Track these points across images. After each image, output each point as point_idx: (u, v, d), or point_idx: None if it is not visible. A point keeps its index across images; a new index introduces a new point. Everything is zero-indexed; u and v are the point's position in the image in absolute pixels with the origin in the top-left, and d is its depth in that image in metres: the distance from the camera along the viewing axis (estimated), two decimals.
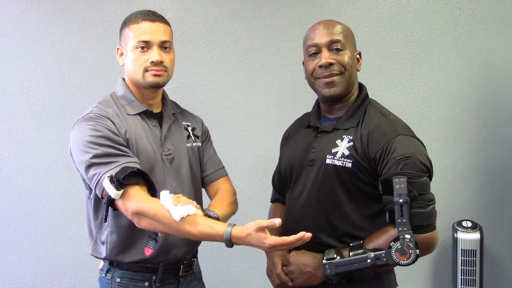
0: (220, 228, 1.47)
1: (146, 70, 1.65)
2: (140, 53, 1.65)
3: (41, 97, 2.88)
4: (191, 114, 1.89)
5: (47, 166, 2.89)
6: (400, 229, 1.48)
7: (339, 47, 1.63)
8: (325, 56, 1.62)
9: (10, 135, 2.89)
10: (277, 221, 1.40)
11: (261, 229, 1.41)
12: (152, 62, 1.64)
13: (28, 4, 2.85)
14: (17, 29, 2.86)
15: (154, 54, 1.64)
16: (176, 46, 1.75)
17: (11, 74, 2.87)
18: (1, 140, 2.89)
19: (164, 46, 1.67)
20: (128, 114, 1.68)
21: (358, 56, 1.71)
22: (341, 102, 1.68)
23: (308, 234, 1.40)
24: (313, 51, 1.65)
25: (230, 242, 1.45)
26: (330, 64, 1.62)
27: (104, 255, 1.68)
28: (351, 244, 1.56)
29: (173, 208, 1.47)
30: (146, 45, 1.64)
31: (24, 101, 2.88)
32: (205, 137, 1.88)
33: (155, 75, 1.65)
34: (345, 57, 1.63)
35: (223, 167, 1.89)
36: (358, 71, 1.71)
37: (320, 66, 1.62)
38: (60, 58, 2.87)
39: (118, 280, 1.68)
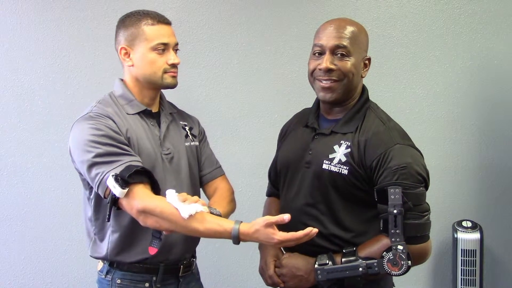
0: (227, 225, 1.49)
1: (165, 72, 1.67)
2: (158, 55, 1.66)
3: (41, 97, 2.88)
4: (187, 114, 1.90)
5: (47, 166, 2.89)
6: (393, 239, 1.48)
7: (344, 53, 1.59)
8: (327, 61, 1.59)
9: (10, 135, 2.89)
10: (286, 217, 1.42)
11: (269, 225, 1.43)
12: (172, 64, 1.67)
13: (28, 4, 2.85)
14: (17, 29, 2.86)
15: (174, 56, 1.69)
16: None
17: (11, 74, 2.87)
18: (1, 140, 2.89)
19: (176, 48, 1.71)
20: (127, 114, 1.68)
21: (366, 62, 1.67)
22: (340, 106, 1.67)
23: (315, 230, 1.42)
24: (318, 51, 1.63)
25: (237, 239, 1.47)
26: (330, 70, 1.60)
27: (104, 255, 1.68)
28: (344, 251, 1.57)
29: (181, 205, 1.48)
30: (164, 47, 1.66)
31: (24, 102, 2.88)
32: (202, 137, 1.89)
33: (173, 77, 1.70)
34: (348, 64, 1.60)
35: (220, 166, 1.90)
36: (362, 77, 1.67)
37: (320, 69, 1.61)
38: (60, 58, 2.87)
39: (118, 281, 1.67)
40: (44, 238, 2.92)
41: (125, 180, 1.48)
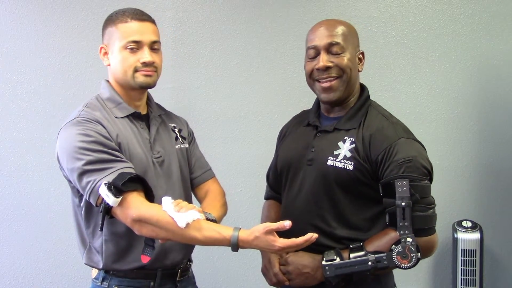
0: (226, 232, 1.45)
1: (136, 71, 1.61)
2: (130, 53, 1.60)
3: (41, 97, 2.88)
4: (176, 116, 1.86)
5: (47, 166, 2.88)
6: (401, 232, 1.48)
7: (338, 50, 1.61)
8: (323, 59, 1.61)
9: (10, 135, 2.89)
10: (287, 223, 1.40)
11: (269, 232, 1.40)
12: (144, 63, 1.60)
13: (28, 4, 2.85)
14: (17, 29, 2.86)
15: (146, 55, 1.60)
16: (176, 46, 1.75)
17: (11, 74, 2.87)
18: (1, 140, 2.89)
19: (154, 46, 1.64)
20: (116, 117, 1.63)
21: (360, 56, 1.69)
22: (341, 104, 1.68)
23: (315, 235, 1.41)
24: (312, 53, 1.65)
25: (237, 246, 1.43)
26: (328, 68, 1.61)
27: (100, 265, 1.63)
28: (351, 246, 1.56)
29: (176, 214, 1.44)
30: (136, 46, 1.60)
31: (24, 101, 2.88)
32: (191, 139, 1.85)
33: (146, 75, 1.62)
34: (344, 59, 1.62)
35: (211, 168, 1.87)
36: (359, 71, 1.69)
37: (318, 69, 1.62)
38: (60, 58, 2.87)
39: None
40: (44, 238, 2.92)
41: (118, 188, 1.43)
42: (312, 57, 1.65)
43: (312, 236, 1.40)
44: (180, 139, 1.78)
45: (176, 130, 1.79)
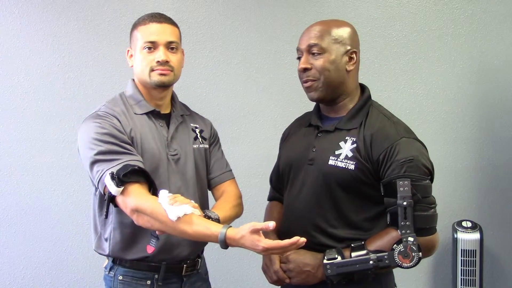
0: (215, 229, 1.48)
1: (152, 70, 1.68)
2: (147, 53, 1.68)
3: (41, 97, 2.88)
4: (201, 117, 1.91)
5: (47, 166, 2.88)
6: (403, 231, 1.48)
7: (316, 51, 1.63)
8: (302, 62, 1.65)
9: (10, 135, 2.89)
10: (271, 224, 1.40)
11: (255, 231, 1.41)
12: (158, 61, 1.67)
13: (28, 4, 2.85)
14: (17, 29, 2.86)
15: (160, 54, 1.67)
16: None
17: (11, 74, 2.87)
18: (1, 140, 2.89)
19: (171, 46, 1.70)
20: (135, 114, 1.71)
21: (352, 55, 1.65)
22: (336, 104, 1.68)
23: (303, 239, 1.40)
24: (299, 55, 1.69)
25: (224, 243, 1.46)
26: (306, 69, 1.64)
27: (107, 251, 1.70)
28: (352, 245, 1.56)
29: (169, 207, 1.49)
30: (153, 46, 1.68)
31: (24, 101, 2.88)
32: (213, 140, 1.89)
33: (161, 74, 1.68)
34: (321, 61, 1.61)
35: (230, 170, 1.89)
36: (348, 71, 1.65)
37: (299, 71, 1.66)
38: (60, 58, 2.87)
39: (120, 277, 1.69)
40: (44, 238, 2.91)
41: (120, 178, 1.50)
42: (299, 60, 1.68)
43: (298, 239, 1.39)
44: (200, 139, 1.82)
45: (197, 130, 1.83)
